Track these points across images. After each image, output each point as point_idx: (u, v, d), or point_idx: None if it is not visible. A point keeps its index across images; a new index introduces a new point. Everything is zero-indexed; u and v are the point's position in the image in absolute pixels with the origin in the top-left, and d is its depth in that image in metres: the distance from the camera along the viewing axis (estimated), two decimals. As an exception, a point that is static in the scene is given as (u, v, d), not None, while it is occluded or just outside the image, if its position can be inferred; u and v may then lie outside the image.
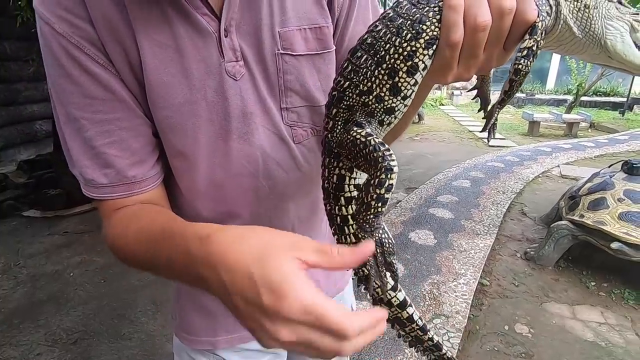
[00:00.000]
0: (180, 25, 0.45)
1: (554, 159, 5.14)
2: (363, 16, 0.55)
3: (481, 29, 0.34)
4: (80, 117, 0.46)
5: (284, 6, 0.48)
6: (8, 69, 4.79)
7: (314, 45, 0.51)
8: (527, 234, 3.02)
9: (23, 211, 3.34)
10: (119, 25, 0.43)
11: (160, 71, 0.45)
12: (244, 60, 0.48)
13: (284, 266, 0.31)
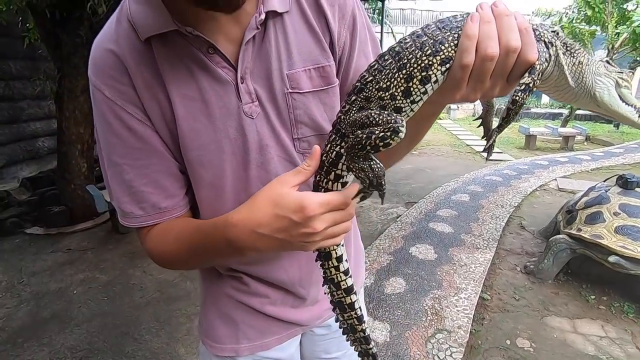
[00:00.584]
0: (204, 78, 0.53)
1: (551, 173, 5.20)
2: (364, 50, 0.61)
3: (489, 58, 0.41)
4: (121, 163, 0.56)
5: (289, 51, 0.55)
6: (12, 87, 4.88)
7: (318, 82, 0.58)
8: (527, 247, 3.05)
9: (26, 228, 3.36)
10: (155, 85, 0.53)
11: (189, 119, 0.54)
12: (259, 101, 0.56)
13: (288, 194, 0.46)
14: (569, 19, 7.70)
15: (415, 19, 11.38)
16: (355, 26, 0.59)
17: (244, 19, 0.52)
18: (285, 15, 0.55)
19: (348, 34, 0.59)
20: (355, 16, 0.59)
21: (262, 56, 0.54)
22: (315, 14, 0.57)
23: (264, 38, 0.54)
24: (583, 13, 7.32)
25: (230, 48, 0.53)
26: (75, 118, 3.40)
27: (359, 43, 0.60)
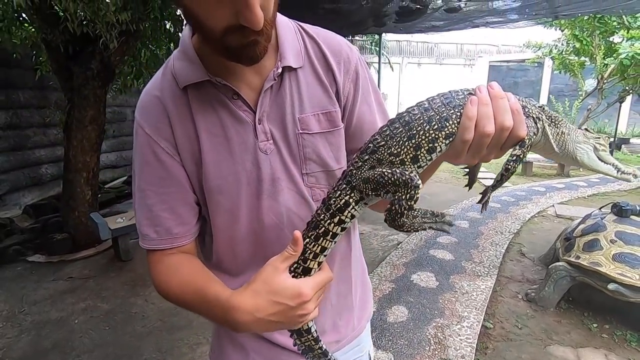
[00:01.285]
0: (228, 119, 0.63)
1: (548, 199, 5.27)
2: (366, 99, 0.71)
3: (486, 135, 0.51)
4: (147, 189, 0.65)
5: (301, 99, 0.65)
6: (20, 116, 5.00)
7: (325, 125, 0.66)
8: (527, 274, 3.07)
9: (28, 256, 3.36)
10: (187, 124, 0.63)
11: (213, 153, 0.63)
12: (273, 140, 0.65)
13: (284, 282, 0.54)
14: (559, 51, 8.01)
15: (411, 50, 11.80)
16: (358, 79, 0.69)
17: (264, 71, 0.63)
18: (299, 70, 0.65)
19: (352, 86, 0.69)
20: (358, 71, 0.69)
21: (277, 102, 0.64)
22: (324, 69, 0.67)
23: (280, 87, 0.64)
24: (572, 45, 7.64)
25: (251, 95, 0.63)
26: (82, 147, 3.49)
27: (361, 93, 0.69)
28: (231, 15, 0.50)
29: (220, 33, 0.52)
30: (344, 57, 0.68)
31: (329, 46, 0.68)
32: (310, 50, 0.67)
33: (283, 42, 0.64)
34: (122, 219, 3.35)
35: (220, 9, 0.49)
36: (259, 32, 0.53)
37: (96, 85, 3.46)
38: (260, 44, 0.55)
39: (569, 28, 7.23)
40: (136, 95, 6.22)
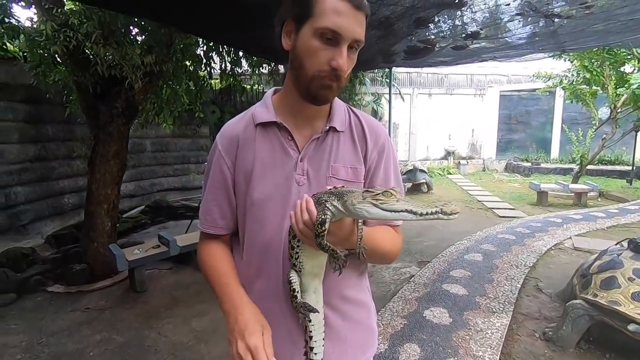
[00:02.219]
0: (279, 152, 0.85)
1: (565, 231, 5.16)
2: (386, 168, 0.90)
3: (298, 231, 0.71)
4: (208, 188, 0.90)
5: (337, 153, 0.86)
6: (47, 149, 5.28)
7: (351, 176, 0.86)
8: (544, 311, 2.98)
9: (48, 286, 3.46)
10: (249, 151, 0.85)
11: (261, 175, 0.84)
12: (307, 176, 0.84)
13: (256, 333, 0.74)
14: (569, 81, 8.07)
15: (421, 80, 12.03)
16: (383, 151, 0.89)
17: (316, 128, 0.86)
18: (341, 133, 0.87)
19: (377, 155, 0.89)
20: (384, 145, 0.90)
21: (319, 151, 0.85)
22: (359, 137, 0.89)
23: (324, 141, 0.86)
24: (582, 76, 7.69)
25: (302, 141, 0.85)
26: (104, 180, 3.66)
27: (384, 162, 0.89)
28: (326, 62, 0.74)
29: (314, 74, 0.75)
30: (376, 132, 0.90)
31: (368, 123, 0.90)
32: (353, 122, 0.89)
33: (334, 112, 0.87)
34: (139, 251, 3.44)
35: (322, 52, 0.74)
36: (337, 78, 0.76)
37: (120, 122, 3.67)
38: (334, 90, 0.78)
39: (578, 59, 7.31)
40: (155, 128, 6.52)
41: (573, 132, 8.52)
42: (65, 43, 3.15)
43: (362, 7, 0.74)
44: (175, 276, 3.78)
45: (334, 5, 0.72)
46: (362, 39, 0.76)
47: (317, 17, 0.73)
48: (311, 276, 0.78)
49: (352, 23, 0.73)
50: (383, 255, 0.88)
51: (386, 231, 0.88)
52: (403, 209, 0.63)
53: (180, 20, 2.99)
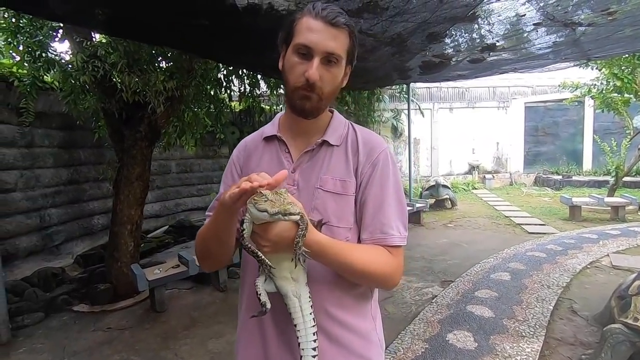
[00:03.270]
0: (275, 163, 0.90)
1: (601, 247, 4.83)
2: (381, 184, 0.87)
3: None
4: (221, 189, 0.94)
5: (329, 166, 0.88)
6: (80, 172, 5.56)
7: (339, 188, 0.86)
8: (580, 336, 2.76)
9: (74, 305, 3.56)
10: (254, 159, 0.94)
11: None
12: (297, 186, 0.87)
13: None
14: (599, 90, 7.73)
15: (441, 95, 11.90)
16: (377, 165, 0.88)
17: (311, 141, 0.90)
18: (335, 147, 0.90)
19: (370, 168, 0.88)
20: (379, 159, 0.89)
21: (311, 163, 0.89)
22: (353, 150, 0.90)
23: (317, 154, 0.89)
24: (612, 84, 7.36)
25: (296, 153, 0.91)
26: (128, 201, 3.78)
27: (378, 177, 0.87)
28: (301, 74, 0.80)
29: (293, 86, 0.82)
30: (371, 146, 0.90)
31: (364, 137, 0.91)
32: (349, 138, 0.92)
33: (330, 128, 0.92)
34: (159, 270, 3.50)
35: (299, 66, 0.81)
36: (312, 89, 0.81)
37: (143, 145, 3.82)
38: (313, 99, 0.82)
39: (606, 67, 7.02)
40: (180, 150, 6.74)
41: (606, 142, 8.09)
42: (93, 73, 3.35)
43: (335, 24, 0.80)
44: (194, 296, 3.80)
45: (307, 23, 0.81)
46: (336, 51, 0.81)
47: (295, 36, 0.82)
48: (285, 280, 0.76)
49: (323, 38, 0.79)
50: (365, 276, 0.82)
51: (373, 250, 0.84)
52: (263, 208, 0.65)
53: (197, 48, 3.11)
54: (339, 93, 0.98)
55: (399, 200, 0.88)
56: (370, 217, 0.85)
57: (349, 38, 0.83)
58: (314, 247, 0.73)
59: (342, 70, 0.86)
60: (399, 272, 0.86)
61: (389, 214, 0.85)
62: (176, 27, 2.61)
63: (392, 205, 0.86)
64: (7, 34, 3.62)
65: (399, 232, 0.86)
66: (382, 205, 0.85)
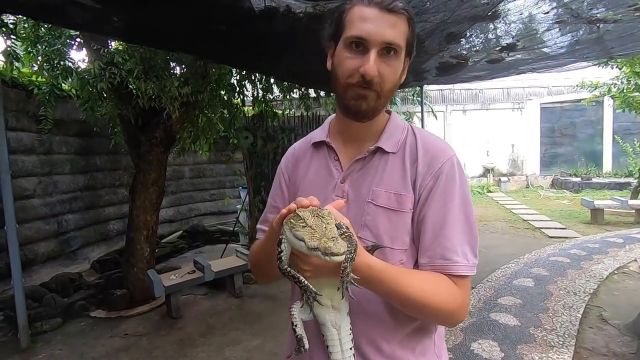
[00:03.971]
0: (324, 171, 0.83)
1: (628, 252, 4.64)
2: (445, 199, 0.74)
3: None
4: (269, 198, 0.95)
5: (382, 176, 0.77)
6: (96, 178, 5.63)
7: (393, 204, 0.75)
8: (613, 346, 2.62)
9: (91, 311, 3.57)
10: (303, 167, 0.88)
11: (305, 188, 0.84)
12: (347, 198, 0.77)
13: None
14: (619, 89, 7.51)
15: (454, 97, 11.76)
16: (440, 178, 0.74)
17: (363, 148, 0.80)
18: (391, 155, 0.79)
19: (432, 181, 0.75)
20: (443, 171, 0.75)
21: (363, 172, 0.79)
22: (411, 159, 0.77)
23: (369, 162, 0.79)
24: (634, 82, 7.14)
25: (346, 161, 0.82)
26: (144, 207, 3.79)
27: (440, 191, 0.74)
28: (355, 69, 0.70)
29: (346, 84, 0.73)
30: (432, 154, 0.77)
31: (425, 144, 0.78)
32: (408, 144, 0.79)
33: (385, 132, 0.81)
34: (175, 276, 3.49)
35: (351, 61, 0.71)
36: (370, 87, 0.71)
37: (159, 151, 3.83)
38: (370, 99, 0.72)
39: (627, 65, 6.81)
40: (193, 155, 6.78)
41: (627, 143, 7.85)
42: (110, 80, 3.38)
43: (392, 9, 0.70)
44: (210, 302, 3.78)
45: (359, 12, 0.71)
46: (395, 41, 0.70)
47: (346, 29, 0.73)
48: (325, 308, 0.66)
49: (380, 26, 0.69)
50: (424, 310, 0.68)
51: (435, 279, 0.70)
52: (300, 237, 0.55)
53: (214, 53, 3.11)
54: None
55: (466, 219, 0.73)
56: (429, 239, 0.72)
57: (407, 25, 0.73)
58: (363, 271, 0.62)
59: (402, 63, 0.75)
60: (465, 307, 0.71)
61: (453, 235, 0.71)
62: (193, 33, 2.61)
63: (457, 225, 0.72)
64: (27, 43, 3.69)
65: (466, 259, 0.71)
66: (445, 225, 0.72)
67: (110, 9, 2.35)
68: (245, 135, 4.95)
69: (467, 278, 0.72)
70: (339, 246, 0.53)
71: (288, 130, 5.34)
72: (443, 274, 0.70)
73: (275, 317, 3.32)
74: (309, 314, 0.66)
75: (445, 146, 0.79)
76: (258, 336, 3.00)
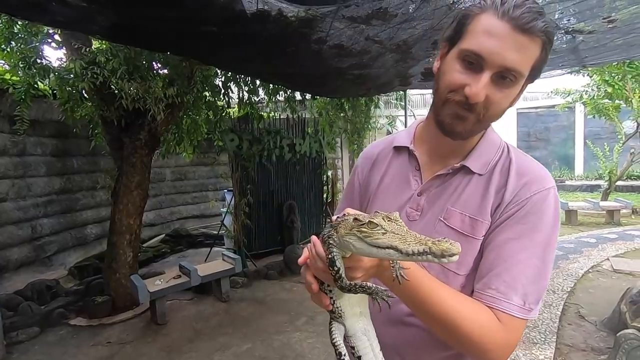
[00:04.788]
0: (402, 179, 0.79)
1: (601, 251, 4.87)
2: (521, 232, 0.65)
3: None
4: (342, 197, 0.95)
5: (460, 197, 0.71)
6: (73, 181, 5.43)
7: (466, 228, 0.69)
8: (591, 342, 2.75)
9: (71, 319, 3.43)
10: (380, 170, 0.84)
11: (379, 199, 0.81)
12: (421, 212, 0.74)
13: None
14: (590, 96, 7.89)
15: (435, 101, 12.04)
16: (525, 206, 0.66)
17: (448, 163, 0.74)
18: (476, 176, 0.71)
19: (514, 208, 0.67)
20: (533, 201, 0.66)
21: (441, 189, 0.74)
22: (497, 185, 0.69)
23: (450, 180, 0.73)
24: (603, 90, 7.52)
25: (427, 174, 0.76)
26: (127, 210, 3.69)
27: (520, 219, 0.66)
28: (460, 86, 0.63)
29: (443, 98, 0.66)
30: (524, 182, 0.68)
31: (520, 169, 0.70)
32: (499, 165, 0.71)
33: (476, 150, 0.73)
34: (160, 281, 3.40)
35: (459, 76, 0.63)
36: (471, 108, 0.63)
37: (143, 153, 3.74)
38: (468, 121, 0.65)
39: (597, 74, 7.18)
40: (175, 157, 6.64)
41: (598, 147, 8.25)
42: (92, 80, 3.28)
43: (528, 30, 0.59)
44: (196, 307, 3.71)
45: (487, 24, 0.61)
46: (517, 67, 0.61)
47: (466, 38, 0.64)
48: (355, 317, 0.66)
49: (504, 47, 0.59)
50: (447, 327, 0.61)
51: (475, 305, 0.63)
52: (388, 244, 0.51)
53: (203, 54, 3.07)
54: (339, 101, 0.91)
55: (542, 264, 0.64)
56: (488, 266, 0.65)
57: (541, 49, 0.62)
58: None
59: (519, 89, 0.66)
60: (505, 349, 0.63)
61: (519, 272, 0.63)
62: (183, 34, 2.57)
63: (528, 264, 0.63)
64: (0, 40, 3.53)
65: (523, 301, 0.62)
66: (513, 258, 0.63)
67: (97, 7, 2.29)
68: (230, 138, 4.90)
69: (518, 320, 0.62)
70: (454, 244, 0.48)
71: (274, 133, 5.32)
72: (490, 306, 0.63)
73: (264, 321, 3.29)
74: (342, 330, 0.65)
75: (542, 174, 0.69)
76: (247, 340, 2.97)
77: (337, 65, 3.17)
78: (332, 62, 3.10)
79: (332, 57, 2.96)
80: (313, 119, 6.28)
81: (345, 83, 3.83)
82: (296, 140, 5.57)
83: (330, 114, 6.43)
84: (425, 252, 0.48)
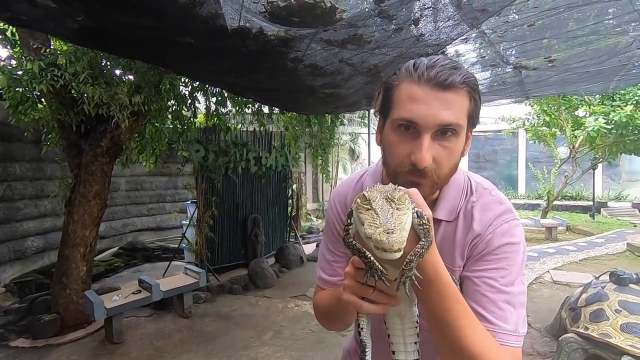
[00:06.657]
0: None
1: (542, 264, 5.34)
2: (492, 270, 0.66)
3: None
4: (323, 243, 0.89)
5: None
6: (14, 188, 4.99)
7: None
8: (537, 347, 3.01)
9: (11, 340, 3.12)
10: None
11: None
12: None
13: None
14: (531, 124, 8.75)
15: (395, 121, 12.61)
16: (491, 241, 0.68)
17: None
18: (444, 222, 0.72)
19: (483, 246, 0.68)
20: (496, 234, 0.68)
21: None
22: (464, 228, 0.71)
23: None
24: (542, 119, 8.38)
25: None
26: (83, 221, 3.47)
27: (487, 252, 0.68)
28: (406, 156, 0.63)
29: (392, 171, 0.66)
30: (489, 218, 0.69)
31: (483, 206, 0.71)
32: (463, 209, 0.72)
33: (443, 198, 0.73)
34: (118, 297, 3.21)
35: (401, 146, 0.64)
36: (423, 175, 0.63)
37: (104, 161, 3.56)
38: (423, 187, 0.63)
39: (537, 104, 8.01)
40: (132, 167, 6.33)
41: (538, 169, 9.10)
42: (52, 82, 3.10)
43: (448, 86, 0.61)
44: (156, 324, 3.53)
45: (409, 92, 0.62)
46: (453, 121, 0.61)
47: (395, 108, 0.65)
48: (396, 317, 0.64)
49: (433, 108, 0.61)
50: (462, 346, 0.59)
51: (486, 331, 0.62)
52: (362, 220, 0.49)
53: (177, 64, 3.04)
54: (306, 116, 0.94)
55: (522, 290, 0.68)
56: (477, 300, 0.65)
57: (469, 98, 0.63)
58: (428, 273, 0.55)
59: (463, 140, 0.66)
60: None
61: (502, 301, 0.64)
62: (158, 43, 2.54)
63: (511, 291, 0.65)
64: None
65: (517, 328, 0.64)
66: (495, 288, 0.65)
67: (67, 9, 2.21)
68: (196, 149, 4.82)
69: (517, 349, 0.64)
70: (392, 241, 0.44)
71: (240, 145, 5.30)
72: (506, 344, 0.63)
73: (230, 336, 3.22)
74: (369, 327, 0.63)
75: (503, 208, 0.71)
76: (212, 357, 2.88)
77: (310, 83, 3.28)
78: (306, 80, 3.21)
79: (306, 75, 3.07)
80: (280, 133, 6.34)
81: (316, 100, 3.95)
82: (262, 154, 5.58)
83: (297, 129, 6.53)
84: (370, 238, 0.47)
